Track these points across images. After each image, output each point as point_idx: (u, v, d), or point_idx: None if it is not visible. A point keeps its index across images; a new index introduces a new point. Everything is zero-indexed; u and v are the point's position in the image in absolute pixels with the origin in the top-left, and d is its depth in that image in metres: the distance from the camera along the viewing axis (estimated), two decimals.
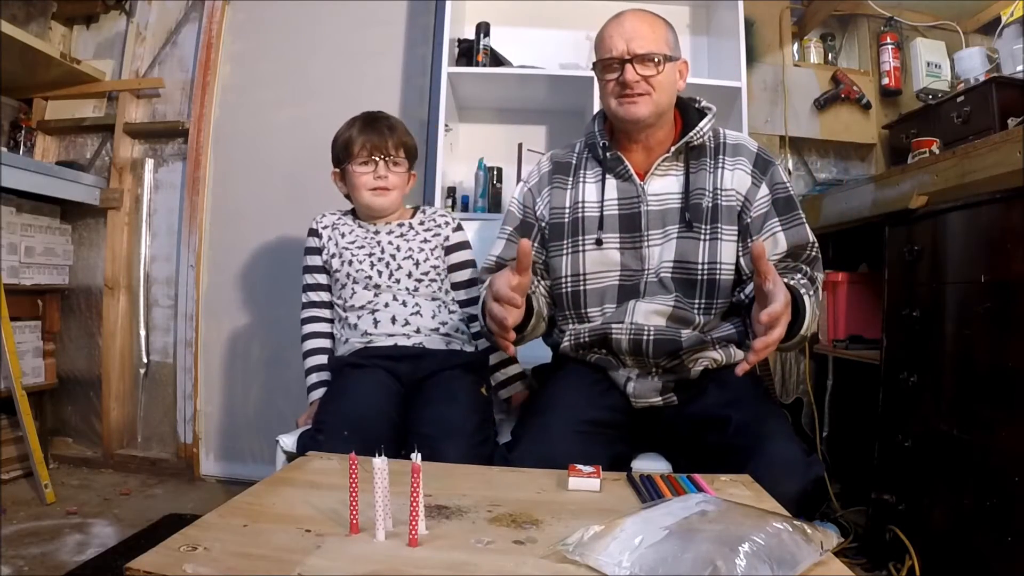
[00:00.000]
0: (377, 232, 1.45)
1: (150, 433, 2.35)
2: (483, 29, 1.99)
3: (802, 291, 1.05)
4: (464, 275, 1.47)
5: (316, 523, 0.69)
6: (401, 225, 1.47)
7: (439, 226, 1.49)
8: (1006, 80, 1.74)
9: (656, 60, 1.16)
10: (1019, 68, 1.76)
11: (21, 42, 1.98)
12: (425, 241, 1.45)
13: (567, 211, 1.27)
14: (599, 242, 1.23)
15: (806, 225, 1.20)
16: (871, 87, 2.29)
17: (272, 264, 2.27)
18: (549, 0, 2.22)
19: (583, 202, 1.26)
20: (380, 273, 1.39)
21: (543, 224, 1.30)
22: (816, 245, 1.20)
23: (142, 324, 2.36)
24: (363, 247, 1.43)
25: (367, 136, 1.41)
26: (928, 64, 2.15)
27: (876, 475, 1.64)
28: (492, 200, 2.09)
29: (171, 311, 2.35)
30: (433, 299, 1.41)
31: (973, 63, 2.00)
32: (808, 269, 1.16)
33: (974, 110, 1.77)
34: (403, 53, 2.29)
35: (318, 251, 1.47)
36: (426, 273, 1.41)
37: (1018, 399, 1.21)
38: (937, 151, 1.68)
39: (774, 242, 1.18)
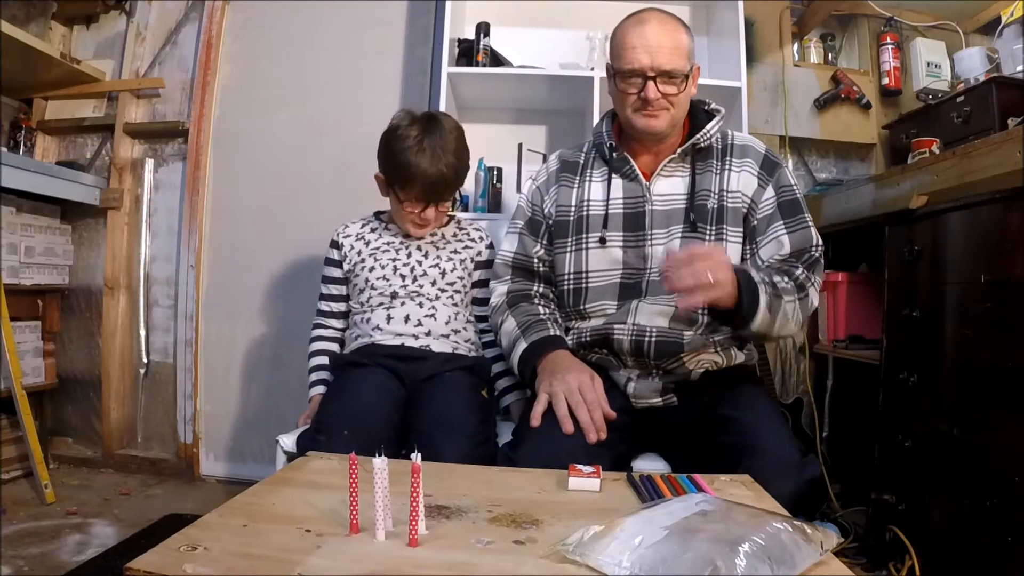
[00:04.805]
0: (408, 236, 1.45)
1: (150, 433, 2.35)
2: (483, 29, 1.99)
3: (761, 286, 1.07)
4: (487, 292, 1.46)
5: (316, 523, 0.69)
6: (434, 234, 1.46)
7: (473, 240, 1.48)
8: (1006, 80, 1.74)
9: (679, 79, 1.16)
10: (1019, 68, 1.76)
11: (21, 42, 1.98)
12: (456, 252, 1.44)
13: (572, 209, 1.29)
14: (603, 240, 1.23)
15: (811, 228, 1.20)
16: (871, 87, 2.29)
17: (272, 264, 2.27)
18: (549, 0, 2.22)
19: (588, 201, 1.27)
20: (403, 277, 1.39)
21: (550, 222, 1.32)
22: (820, 247, 1.20)
23: (142, 324, 2.36)
24: (388, 252, 1.42)
25: (427, 181, 1.31)
26: (928, 64, 2.15)
27: (876, 475, 1.64)
28: (492, 200, 2.09)
29: (171, 311, 2.35)
30: (453, 307, 1.41)
31: (973, 63, 2.00)
32: (799, 272, 1.16)
33: (974, 110, 1.77)
34: (403, 53, 2.29)
35: (338, 264, 1.47)
36: (451, 284, 1.41)
37: (1018, 399, 1.21)
38: (937, 151, 1.68)
39: (778, 244, 1.19)
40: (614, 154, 1.26)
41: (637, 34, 1.17)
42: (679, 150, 1.23)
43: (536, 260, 1.32)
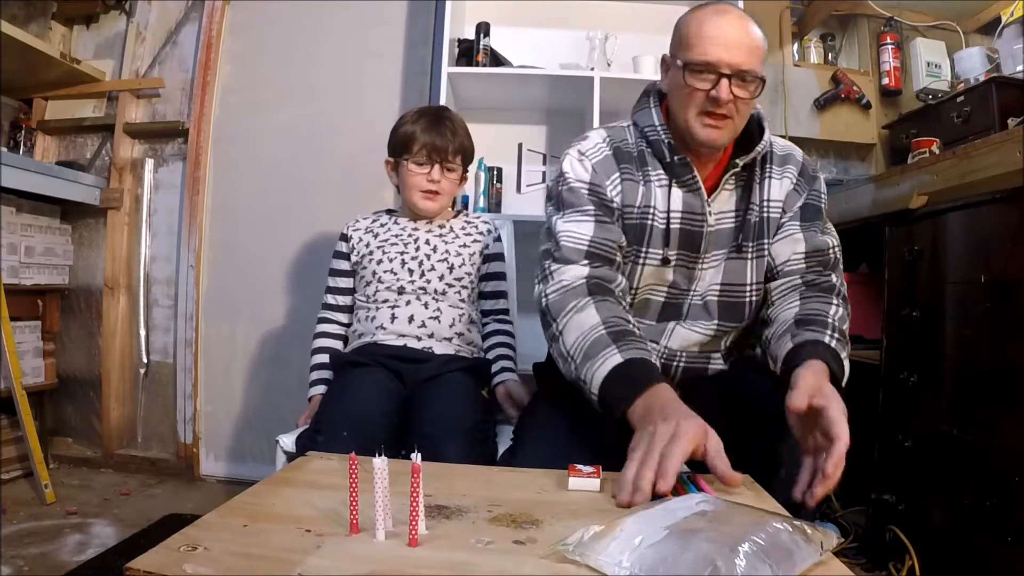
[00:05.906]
0: (416, 229, 1.45)
1: (150, 433, 2.35)
2: (483, 29, 2.00)
3: (843, 353, 1.06)
4: (493, 286, 1.47)
5: (316, 523, 0.69)
6: (442, 226, 1.47)
7: (481, 233, 1.48)
8: (1006, 80, 1.74)
9: (754, 83, 1.04)
10: (1019, 68, 1.76)
11: (21, 42, 1.98)
12: (464, 246, 1.44)
13: (636, 212, 1.12)
14: (666, 260, 1.11)
15: (830, 235, 1.16)
16: (871, 87, 2.29)
17: (272, 264, 2.27)
18: (549, 0, 2.22)
19: (654, 208, 1.11)
20: (411, 272, 1.39)
21: (618, 214, 1.13)
22: (838, 247, 1.16)
23: (142, 324, 2.36)
24: (396, 245, 1.42)
25: (429, 137, 1.39)
26: (928, 64, 2.16)
27: (876, 475, 1.64)
28: (493, 200, 2.10)
29: (171, 311, 2.35)
30: (458, 306, 1.40)
31: (973, 63, 2.00)
32: (835, 280, 1.13)
33: (974, 110, 1.77)
34: (403, 53, 2.29)
35: (345, 256, 1.47)
36: (459, 279, 1.41)
37: (1018, 399, 1.21)
38: (937, 151, 1.68)
39: (793, 242, 1.13)
40: (675, 157, 1.09)
41: (715, 25, 1.03)
42: (740, 162, 1.10)
43: (619, 250, 1.10)
